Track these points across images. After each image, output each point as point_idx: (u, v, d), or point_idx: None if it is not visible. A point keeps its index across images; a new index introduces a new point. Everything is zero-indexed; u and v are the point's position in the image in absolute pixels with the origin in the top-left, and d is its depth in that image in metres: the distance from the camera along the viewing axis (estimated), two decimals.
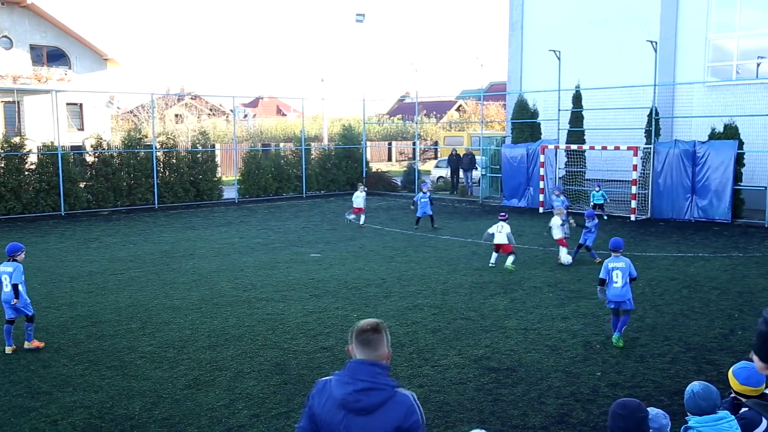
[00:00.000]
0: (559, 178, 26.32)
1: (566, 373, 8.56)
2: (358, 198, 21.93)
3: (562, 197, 20.14)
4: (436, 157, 48.46)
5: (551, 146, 25.81)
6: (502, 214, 15.61)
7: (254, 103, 78.58)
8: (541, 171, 25.36)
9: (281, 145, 38.07)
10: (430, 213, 21.21)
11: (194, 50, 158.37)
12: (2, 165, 23.84)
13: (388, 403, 3.59)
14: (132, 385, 8.26)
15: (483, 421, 7.21)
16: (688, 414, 4.55)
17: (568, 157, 26.51)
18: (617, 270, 9.69)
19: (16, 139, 24.54)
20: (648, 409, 4.21)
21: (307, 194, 31.64)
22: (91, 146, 26.83)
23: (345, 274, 14.65)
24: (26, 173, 24.55)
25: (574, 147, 25.50)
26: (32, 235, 20.49)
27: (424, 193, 21.17)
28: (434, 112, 63.46)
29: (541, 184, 25.39)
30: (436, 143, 53.92)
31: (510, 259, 15.00)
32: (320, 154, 33.79)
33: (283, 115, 74.82)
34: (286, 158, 32.23)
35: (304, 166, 31.80)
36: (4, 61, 36.23)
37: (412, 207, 22.39)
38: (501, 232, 15.06)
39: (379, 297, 12.59)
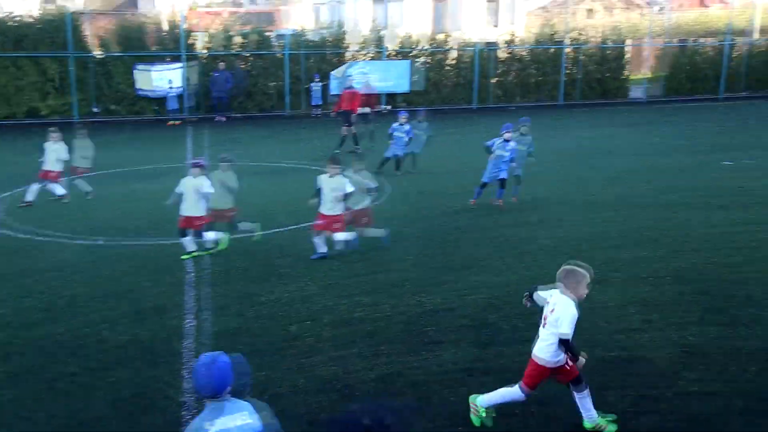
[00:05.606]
0: None
1: None
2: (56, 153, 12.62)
3: None
4: None
5: None
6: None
7: None
8: None
9: (700, 40, 34.56)
10: (400, 153, 14.93)
11: None
12: (429, 60, 26.27)
13: None
14: (531, 274, 8.67)
15: None
16: None
17: None
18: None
19: (441, 36, 26.72)
20: None
21: (724, 96, 28.53)
22: (504, 42, 27.83)
23: None
24: (446, 68, 26.71)
25: None
26: (448, 126, 22.34)
27: (400, 124, 14.92)
28: None
29: None
30: None
31: None
32: (747, 51, 29.92)
33: (706, 6, 67.48)
34: (704, 56, 29.33)
35: (725, 64, 28.56)
36: None
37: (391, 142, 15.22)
38: None
39: None
